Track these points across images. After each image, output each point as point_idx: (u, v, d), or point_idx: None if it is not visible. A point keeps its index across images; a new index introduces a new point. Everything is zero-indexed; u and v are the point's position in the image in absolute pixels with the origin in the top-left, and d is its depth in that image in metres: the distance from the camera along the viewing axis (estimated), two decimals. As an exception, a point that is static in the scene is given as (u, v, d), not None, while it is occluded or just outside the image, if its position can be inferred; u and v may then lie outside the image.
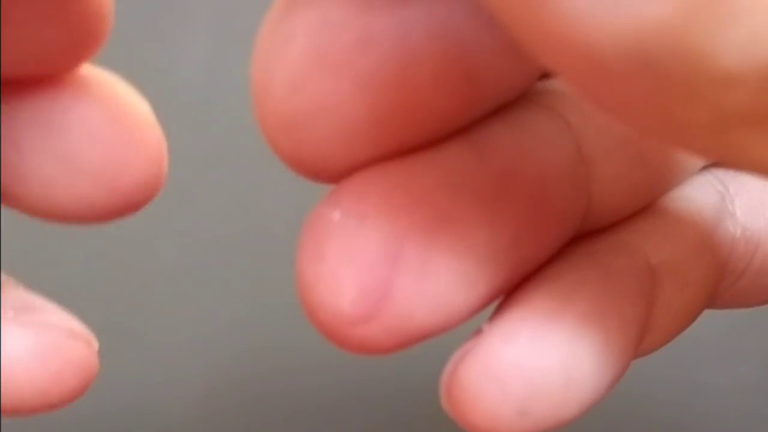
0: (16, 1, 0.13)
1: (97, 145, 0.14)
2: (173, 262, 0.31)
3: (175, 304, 0.32)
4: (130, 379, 0.30)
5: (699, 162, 0.15)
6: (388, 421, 0.30)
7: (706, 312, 0.16)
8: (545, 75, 0.14)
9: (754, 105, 0.09)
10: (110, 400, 0.30)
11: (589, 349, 0.13)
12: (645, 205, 0.15)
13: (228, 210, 0.32)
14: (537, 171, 0.13)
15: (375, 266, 0.12)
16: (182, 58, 0.37)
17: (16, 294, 0.16)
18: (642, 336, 0.14)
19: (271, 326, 0.31)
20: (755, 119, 0.09)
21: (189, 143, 0.35)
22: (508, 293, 0.13)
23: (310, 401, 0.30)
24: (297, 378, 0.30)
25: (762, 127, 0.09)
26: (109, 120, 0.14)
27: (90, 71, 0.15)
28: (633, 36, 0.08)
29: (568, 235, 0.14)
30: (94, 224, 0.15)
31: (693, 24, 0.08)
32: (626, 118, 0.10)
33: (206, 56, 0.37)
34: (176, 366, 0.30)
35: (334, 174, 0.12)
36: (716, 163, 0.16)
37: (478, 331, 0.13)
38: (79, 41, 0.14)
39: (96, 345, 0.16)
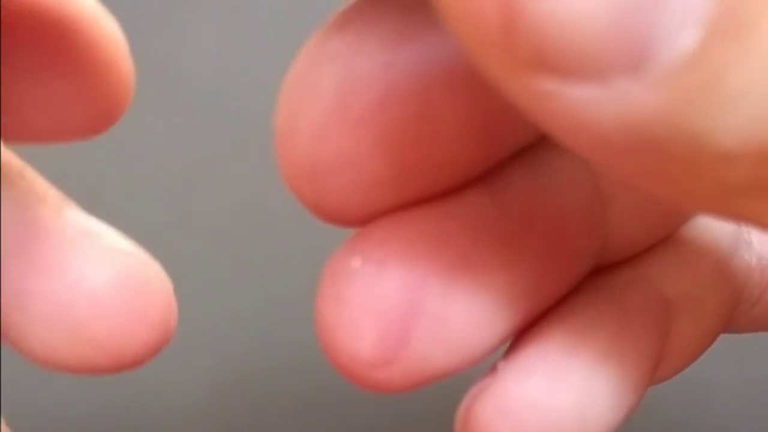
0: (40, 80, 0.13)
1: (103, 316, 0.14)
2: (179, 259, 0.31)
3: (182, 302, 0.32)
4: (137, 376, 0.30)
5: None
6: (395, 419, 0.30)
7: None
8: None
9: (756, 178, 0.09)
10: (116, 397, 0.30)
11: (605, 386, 0.13)
12: (662, 238, 0.15)
13: (235, 205, 0.32)
14: (555, 211, 0.13)
15: (394, 313, 0.12)
16: (191, 51, 0.37)
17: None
18: (657, 367, 0.14)
19: (278, 324, 0.31)
20: (759, 191, 0.09)
21: (196, 137, 0.35)
22: (524, 329, 0.13)
23: (317, 399, 0.30)
24: (304, 376, 0.30)
25: (765, 196, 0.09)
26: (116, 289, 0.14)
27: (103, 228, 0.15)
28: (635, 121, 0.09)
29: (584, 271, 0.14)
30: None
31: (689, 109, 0.09)
32: (638, 187, 0.10)
33: (215, 49, 0.37)
34: (183, 364, 0.30)
35: (355, 221, 0.12)
36: None
37: (492, 368, 0.13)
38: (98, 116, 0.14)
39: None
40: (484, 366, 0.14)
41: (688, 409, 0.30)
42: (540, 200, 0.13)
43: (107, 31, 0.14)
